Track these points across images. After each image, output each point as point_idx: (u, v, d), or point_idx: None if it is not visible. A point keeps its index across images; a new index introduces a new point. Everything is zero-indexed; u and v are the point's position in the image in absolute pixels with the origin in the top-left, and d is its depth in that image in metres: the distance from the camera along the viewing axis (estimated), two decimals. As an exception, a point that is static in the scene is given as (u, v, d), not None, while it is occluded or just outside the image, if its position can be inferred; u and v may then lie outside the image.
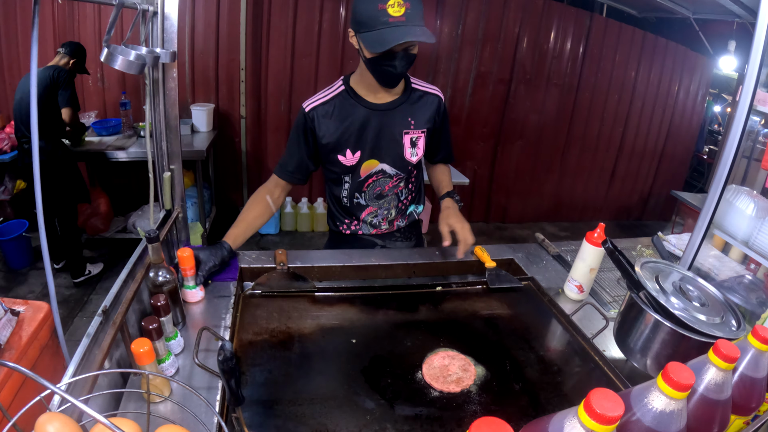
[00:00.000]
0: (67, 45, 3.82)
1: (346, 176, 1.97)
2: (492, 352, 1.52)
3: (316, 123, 1.87)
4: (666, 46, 6.06)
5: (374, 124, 1.87)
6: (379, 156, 1.92)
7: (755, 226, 1.91)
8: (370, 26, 1.58)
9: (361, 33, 1.63)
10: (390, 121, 1.89)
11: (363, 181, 1.96)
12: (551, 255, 2.16)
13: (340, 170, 1.95)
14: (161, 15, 1.64)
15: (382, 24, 1.56)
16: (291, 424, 1.18)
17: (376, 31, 1.57)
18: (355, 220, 2.08)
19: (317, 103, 1.88)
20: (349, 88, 1.89)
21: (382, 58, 1.66)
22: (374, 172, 1.95)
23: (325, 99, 1.89)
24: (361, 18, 1.60)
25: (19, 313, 1.99)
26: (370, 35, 1.59)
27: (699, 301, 1.36)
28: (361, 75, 1.85)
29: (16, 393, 1.79)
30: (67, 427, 0.73)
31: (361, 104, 1.86)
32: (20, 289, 4.00)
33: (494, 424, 0.60)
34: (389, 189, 2.01)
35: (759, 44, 1.55)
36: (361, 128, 1.87)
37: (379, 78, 1.76)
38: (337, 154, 1.90)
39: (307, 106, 1.89)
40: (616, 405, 0.67)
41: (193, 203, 4.73)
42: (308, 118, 1.87)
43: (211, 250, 1.71)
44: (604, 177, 6.70)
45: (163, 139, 1.79)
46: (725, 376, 0.93)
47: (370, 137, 1.88)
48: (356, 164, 1.92)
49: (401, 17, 1.56)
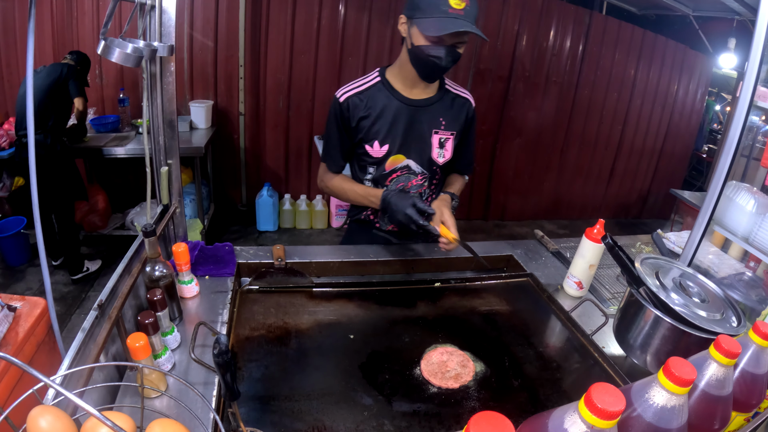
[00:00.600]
0: (75, 53, 3.93)
1: (371, 167, 1.96)
2: (491, 349, 1.51)
3: (351, 112, 1.86)
4: (666, 44, 6.05)
5: (405, 119, 1.87)
6: (407, 152, 1.92)
7: (755, 222, 1.90)
8: (428, 13, 1.58)
9: (416, 18, 1.63)
10: (421, 118, 1.89)
11: (387, 174, 1.95)
12: (550, 251, 2.15)
13: (366, 160, 1.95)
14: (159, 8, 1.63)
15: (441, 12, 1.56)
16: (287, 419, 1.17)
17: (433, 18, 1.58)
18: (378, 215, 2.07)
19: (352, 92, 1.86)
20: (384, 80, 1.88)
21: (430, 48, 1.66)
22: (399, 167, 1.94)
23: (359, 89, 1.87)
24: (421, 3, 1.60)
25: (16, 309, 1.98)
26: (426, 21, 1.59)
27: (699, 298, 1.35)
28: (400, 67, 1.84)
29: (12, 389, 1.78)
30: (60, 421, 0.73)
31: (396, 97, 1.86)
32: (18, 286, 3.99)
33: (493, 418, 0.59)
34: (412, 186, 1.99)
35: (759, 41, 1.54)
36: (393, 121, 1.86)
37: (422, 69, 1.76)
38: (365, 144, 1.90)
39: (341, 96, 1.87)
40: (617, 400, 0.66)
41: (192, 200, 4.72)
42: (343, 107, 1.86)
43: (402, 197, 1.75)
44: (603, 175, 6.71)
45: (160, 134, 1.78)
46: (726, 372, 0.92)
47: (400, 131, 1.88)
48: (383, 157, 1.91)
49: (460, 11, 1.57)
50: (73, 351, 1.07)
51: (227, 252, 1.77)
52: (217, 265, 1.72)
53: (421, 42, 1.65)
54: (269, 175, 5.55)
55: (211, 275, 1.70)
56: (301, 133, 5.41)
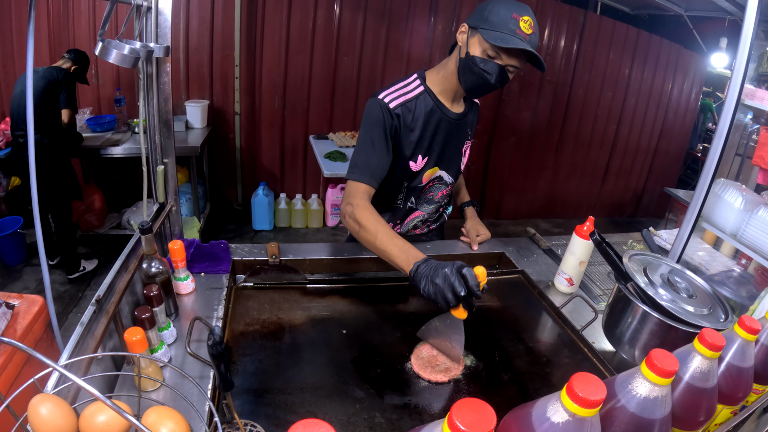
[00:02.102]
0: (73, 51, 3.90)
1: (407, 181, 1.89)
2: (481, 343, 1.53)
3: (402, 122, 1.74)
4: (660, 43, 6.08)
5: (443, 134, 1.84)
6: (441, 164, 1.91)
7: (743, 218, 1.93)
8: (497, 27, 1.55)
9: (481, 29, 1.59)
10: (457, 132, 1.89)
11: (422, 187, 1.93)
12: (542, 249, 2.17)
13: (404, 175, 1.86)
14: (155, 10, 1.65)
15: (509, 31, 1.54)
16: (281, 412, 1.20)
17: (501, 32, 1.55)
18: (399, 224, 2.03)
19: (401, 100, 1.74)
20: (428, 90, 1.80)
21: (485, 62, 1.61)
22: (433, 179, 1.94)
23: (407, 96, 1.76)
24: (492, 16, 1.57)
25: (14, 307, 1.99)
26: (494, 33, 1.56)
27: (687, 293, 1.37)
28: (445, 77, 1.78)
29: (12, 383, 1.80)
30: (60, 409, 0.75)
31: (442, 111, 1.81)
32: (14, 286, 3.99)
33: (475, 405, 0.61)
34: (441, 196, 2.01)
35: (746, 39, 1.57)
36: (434, 135, 1.82)
37: (470, 82, 1.69)
38: (410, 160, 1.82)
39: (390, 102, 1.72)
40: (598, 389, 0.68)
41: (188, 199, 4.73)
42: (394, 115, 1.72)
43: (439, 270, 1.32)
44: (597, 174, 6.73)
45: (156, 133, 1.80)
46: (711, 365, 0.94)
47: (438, 145, 1.85)
48: (421, 170, 1.87)
49: (526, 36, 1.56)
50: (71, 344, 1.09)
51: (222, 249, 1.79)
52: (212, 262, 1.74)
53: (477, 53, 1.61)
54: (265, 175, 5.56)
55: (206, 272, 1.72)
56: (297, 133, 5.42)
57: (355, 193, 1.66)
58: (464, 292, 1.24)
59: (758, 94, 1.89)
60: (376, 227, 1.54)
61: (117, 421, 0.78)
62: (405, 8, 5.12)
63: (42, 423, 0.73)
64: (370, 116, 1.72)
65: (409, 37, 5.25)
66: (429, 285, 1.30)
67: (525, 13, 1.55)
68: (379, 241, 1.51)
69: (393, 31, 5.19)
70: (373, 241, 1.53)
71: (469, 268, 1.27)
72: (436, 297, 1.29)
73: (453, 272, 1.27)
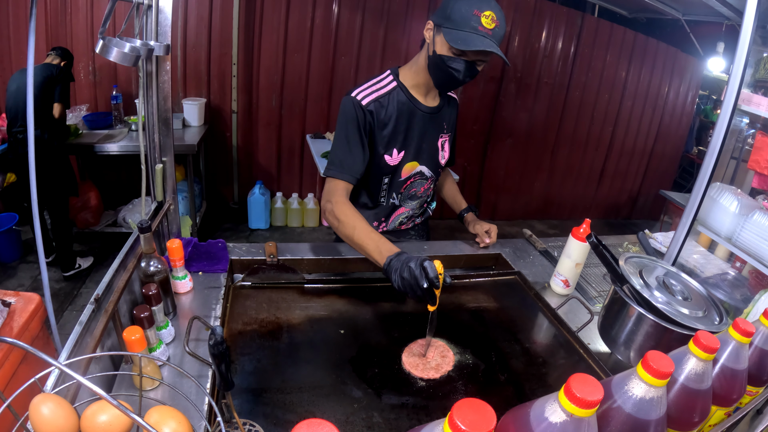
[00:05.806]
0: (58, 49, 3.91)
1: (386, 177, 1.92)
2: (478, 344, 1.54)
3: (375, 118, 1.78)
4: (657, 46, 6.10)
5: (419, 127, 1.87)
6: (420, 158, 1.93)
7: (738, 222, 1.94)
8: (459, 25, 1.57)
9: (444, 28, 1.60)
10: (432, 125, 1.91)
11: (403, 182, 1.95)
12: (538, 250, 2.18)
13: (382, 170, 1.89)
14: (155, 8, 1.65)
15: (471, 28, 1.56)
16: (279, 411, 1.20)
17: (463, 31, 1.57)
18: (384, 222, 2.05)
19: (373, 96, 1.78)
20: (401, 85, 1.83)
21: (452, 60, 1.64)
22: (413, 174, 1.96)
23: (379, 92, 1.80)
24: (453, 14, 1.58)
25: (10, 304, 1.99)
26: (455, 33, 1.58)
27: (682, 296, 1.38)
28: (416, 72, 1.82)
29: (8, 381, 1.80)
30: (62, 408, 0.75)
31: (414, 105, 1.84)
32: (10, 283, 3.98)
33: (476, 405, 0.62)
34: (424, 191, 2.03)
35: (744, 45, 1.58)
36: (409, 129, 1.85)
37: (439, 79, 1.73)
38: (385, 154, 1.85)
39: (362, 99, 1.76)
40: (596, 389, 0.69)
41: (184, 197, 4.72)
42: (367, 111, 1.76)
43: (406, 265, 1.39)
44: (593, 176, 6.75)
45: (155, 131, 1.80)
46: (705, 367, 0.95)
47: (414, 139, 1.88)
48: (398, 164, 1.89)
49: (489, 31, 1.57)
50: (70, 344, 1.09)
51: (220, 248, 1.79)
52: (210, 262, 1.74)
53: (444, 51, 1.64)
54: (261, 173, 5.56)
55: (204, 271, 1.72)
56: (294, 132, 5.42)
57: (334, 191, 1.74)
58: (426, 284, 1.32)
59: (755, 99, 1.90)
60: (354, 222, 1.63)
61: (119, 420, 0.78)
62: (403, 8, 5.12)
63: (44, 423, 0.73)
64: (344, 114, 1.78)
65: (407, 37, 5.24)
66: (398, 279, 1.39)
67: (486, 8, 1.56)
68: (356, 236, 1.61)
69: (391, 31, 5.18)
70: (351, 236, 1.63)
71: (430, 261, 1.34)
72: (406, 290, 1.38)
73: (417, 266, 1.35)
